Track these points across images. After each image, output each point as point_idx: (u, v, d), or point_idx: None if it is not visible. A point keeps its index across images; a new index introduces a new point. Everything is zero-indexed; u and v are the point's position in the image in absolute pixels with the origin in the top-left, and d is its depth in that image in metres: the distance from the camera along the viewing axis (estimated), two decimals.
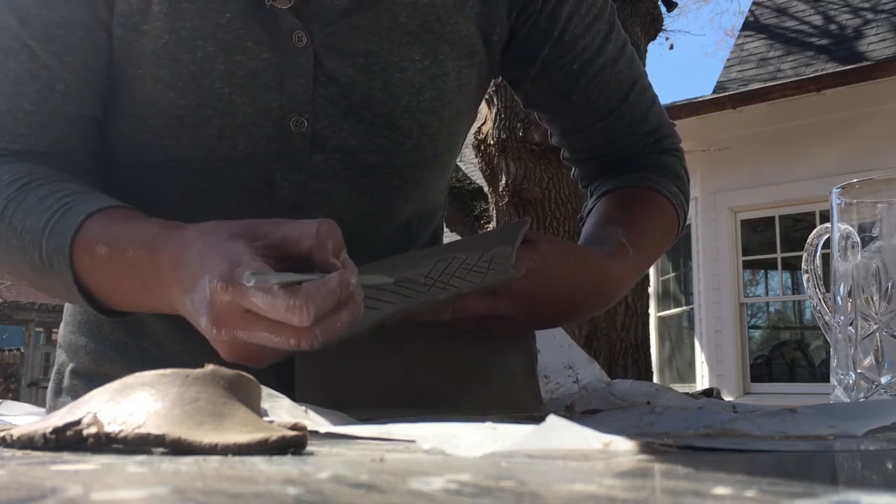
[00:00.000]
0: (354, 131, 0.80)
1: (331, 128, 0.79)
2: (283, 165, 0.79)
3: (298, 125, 0.78)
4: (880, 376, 0.70)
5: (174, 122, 0.76)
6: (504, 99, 3.79)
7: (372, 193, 0.83)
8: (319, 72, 0.77)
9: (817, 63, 7.21)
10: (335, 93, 0.78)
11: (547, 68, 0.89)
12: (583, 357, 0.82)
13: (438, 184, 0.93)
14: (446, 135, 0.86)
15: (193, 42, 0.75)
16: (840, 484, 0.30)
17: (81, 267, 0.67)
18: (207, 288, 0.54)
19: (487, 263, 0.69)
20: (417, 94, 0.81)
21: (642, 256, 0.87)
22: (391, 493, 0.26)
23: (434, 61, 0.82)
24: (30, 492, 0.26)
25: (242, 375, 0.42)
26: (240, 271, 0.52)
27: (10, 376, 13.75)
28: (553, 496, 0.25)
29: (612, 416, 0.57)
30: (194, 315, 0.57)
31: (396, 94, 0.80)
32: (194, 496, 0.24)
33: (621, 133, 0.95)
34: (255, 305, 0.52)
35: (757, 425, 0.48)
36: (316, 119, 0.78)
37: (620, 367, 3.62)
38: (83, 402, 0.41)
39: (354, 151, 0.80)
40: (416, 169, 0.85)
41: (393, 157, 0.82)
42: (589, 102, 0.91)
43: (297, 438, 0.37)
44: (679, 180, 0.97)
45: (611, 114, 0.93)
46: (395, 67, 0.80)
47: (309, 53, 0.77)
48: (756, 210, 7.05)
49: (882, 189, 0.74)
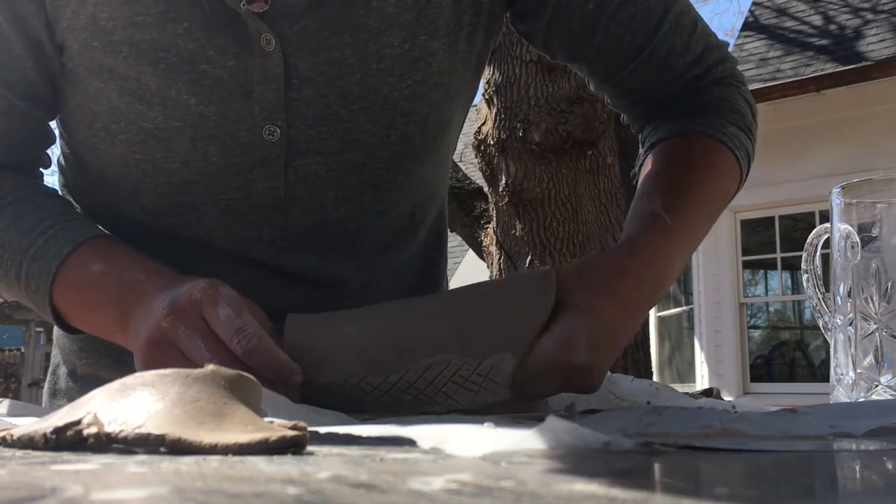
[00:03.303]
0: (334, 132, 0.75)
1: (308, 132, 0.75)
2: (260, 174, 0.76)
3: (272, 134, 0.74)
4: (880, 376, 0.70)
5: (144, 136, 0.74)
6: (504, 99, 3.79)
7: (360, 191, 0.79)
8: (291, 74, 0.73)
9: (817, 63, 7.21)
10: (310, 95, 0.74)
11: (559, 14, 0.80)
12: None
13: (437, 169, 0.87)
14: (437, 119, 0.80)
15: (155, 54, 0.72)
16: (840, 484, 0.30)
17: (58, 294, 0.72)
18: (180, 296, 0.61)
19: (482, 378, 0.60)
20: (398, 81, 0.76)
21: (690, 222, 0.78)
22: (391, 493, 0.26)
23: (415, 43, 0.76)
24: (30, 492, 0.26)
25: (243, 375, 0.42)
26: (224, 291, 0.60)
27: (10, 376, 13.74)
28: (553, 496, 0.25)
29: (612, 415, 0.57)
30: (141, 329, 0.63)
31: (375, 86, 0.75)
32: (194, 496, 0.25)
33: (661, 69, 0.84)
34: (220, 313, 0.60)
35: (757, 425, 0.48)
36: (291, 125, 0.74)
37: (620, 367, 3.62)
38: (83, 402, 0.41)
39: (335, 153, 0.76)
40: (406, 160, 0.79)
41: (377, 152, 0.77)
42: (616, 41, 0.82)
43: (297, 438, 0.37)
44: (736, 115, 0.85)
45: (643, 50, 0.82)
46: (372, 57, 0.74)
47: (279, 56, 0.72)
48: (756, 210, 7.05)
49: (882, 189, 0.74)
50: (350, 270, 0.84)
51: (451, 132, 0.86)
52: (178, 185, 0.76)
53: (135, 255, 0.72)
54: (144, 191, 0.77)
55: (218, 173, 0.75)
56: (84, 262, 0.71)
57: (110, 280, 0.70)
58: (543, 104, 3.61)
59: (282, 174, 0.76)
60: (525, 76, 3.78)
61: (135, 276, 0.68)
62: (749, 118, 0.86)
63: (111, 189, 0.80)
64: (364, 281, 0.85)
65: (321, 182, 0.77)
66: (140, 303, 0.65)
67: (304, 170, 0.76)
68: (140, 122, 0.74)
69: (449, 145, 0.87)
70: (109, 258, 0.71)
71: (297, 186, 0.77)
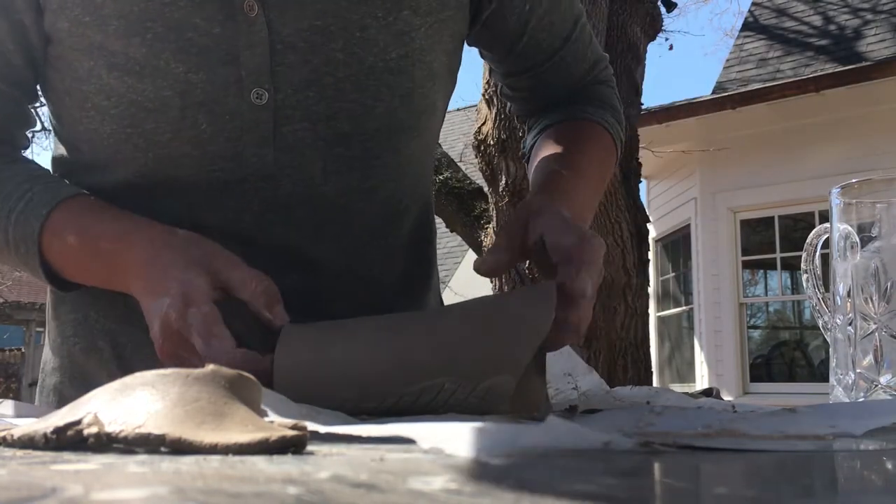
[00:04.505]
0: (321, 98, 0.77)
1: (295, 97, 0.77)
2: (249, 140, 0.77)
3: (260, 97, 0.76)
4: (879, 376, 0.70)
5: (134, 109, 0.76)
6: (504, 99, 3.79)
7: (348, 164, 0.81)
8: (275, 40, 0.75)
9: (817, 63, 7.21)
10: (295, 60, 0.76)
11: (501, 10, 0.88)
12: (582, 366, 0.81)
13: (422, 155, 0.89)
14: (420, 96, 0.82)
15: (142, 24, 0.74)
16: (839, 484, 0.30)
17: (49, 251, 0.76)
18: (163, 312, 0.65)
19: (479, 400, 0.59)
20: (382, 53, 0.78)
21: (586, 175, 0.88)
22: (391, 493, 0.26)
23: (398, 17, 0.78)
24: (30, 491, 0.26)
25: (243, 375, 0.42)
26: (193, 312, 0.64)
27: (10, 376, 13.74)
28: (553, 496, 0.25)
29: (612, 415, 0.57)
30: (149, 318, 0.67)
31: (359, 55, 0.77)
32: (195, 496, 0.25)
33: (565, 73, 0.96)
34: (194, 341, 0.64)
35: (756, 425, 0.48)
36: (278, 90, 0.76)
37: (620, 367, 3.62)
38: (83, 402, 0.41)
39: (323, 120, 0.78)
40: (392, 134, 0.81)
41: (364, 123, 0.79)
42: (537, 44, 0.91)
43: (297, 438, 0.37)
44: (614, 110, 0.99)
45: (556, 54, 0.93)
46: (355, 26, 0.77)
47: (262, 22, 0.74)
48: (756, 210, 7.05)
49: (881, 189, 0.74)
50: (337, 252, 0.84)
51: (435, 118, 0.88)
52: (168, 158, 0.77)
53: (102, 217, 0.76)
54: (136, 168, 0.79)
55: (208, 142, 0.77)
56: (60, 231, 0.75)
57: (87, 251, 0.74)
58: None
59: (270, 140, 0.78)
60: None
61: (109, 245, 0.73)
62: (620, 113, 1.01)
63: (104, 174, 0.81)
64: (349, 265, 0.85)
65: (309, 151, 0.79)
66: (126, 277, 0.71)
67: (293, 136, 0.78)
68: (130, 94, 0.76)
69: (433, 132, 0.90)
70: (81, 225, 0.75)
71: (286, 154, 0.79)
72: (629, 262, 3.71)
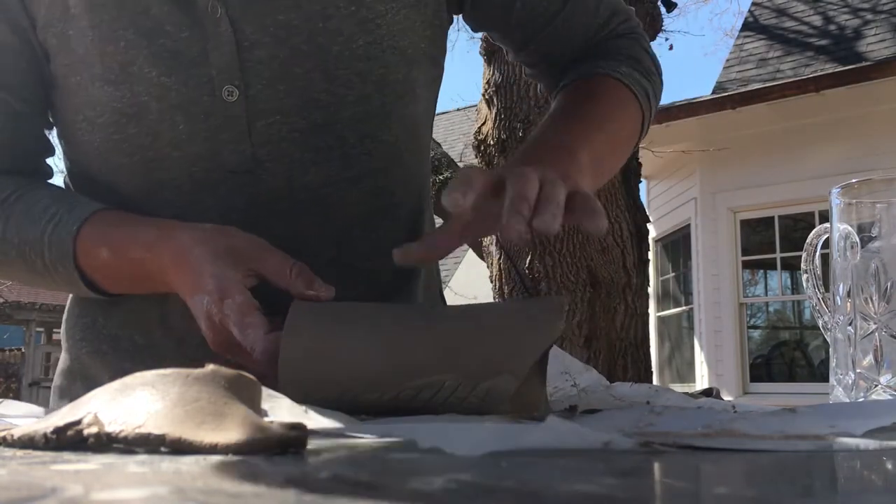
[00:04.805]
0: (291, 91, 0.79)
1: (265, 91, 0.78)
2: (226, 138, 0.79)
3: (231, 94, 0.78)
4: (879, 376, 0.70)
5: (117, 116, 0.79)
6: (504, 99, 3.79)
7: (326, 154, 0.81)
8: (241, 38, 0.77)
9: (816, 63, 7.21)
10: (262, 56, 0.78)
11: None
12: (579, 365, 0.81)
13: (409, 143, 0.88)
14: (395, 82, 0.82)
15: (115, 32, 0.77)
16: (839, 484, 0.30)
17: (86, 267, 0.78)
18: (204, 308, 0.68)
19: (479, 400, 0.58)
20: (348, 41, 0.79)
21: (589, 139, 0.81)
22: (391, 493, 0.26)
23: (361, 4, 0.79)
24: (30, 492, 0.26)
25: (243, 375, 0.42)
26: (228, 303, 0.66)
27: (10, 376, 13.74)
28: (553, 496, 0.25)
29: (612, 415, 0.57)
30: (196, 315, 0.69)
31: (325, 45, 0.78)
32: (195, 496, 0.25)
33: (573, 33, 0.91)
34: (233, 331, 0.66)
35: (756, 425, 0.48)
36: (248, 85, 0.78)
37: (620, 367, 3.62)
38: (83, 401, 0.41)
39: (295, 112, 0.79)
40: (368, 121, 0.82)
41: (338, 112, 0.80)
42: (532, 9, 0.89)
43: (297, 438, 0.37)
44: (632, 60, 0.91)
45: (557, 16, 0.90)
46: (317, 17, 0.78)
47: (226, 22, 0.76)
48: (756, 210, 7.05)
49: (881, 189, 0.74)
50: (326, 243, 0.84)
51: (417, 105, 0.86)
52: (153, 161, 0.80)
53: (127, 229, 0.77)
54: (127, 174, 0.81)
55: (187, 142, 0.79)
56: (92, 249, 0.77)
57: (122, 264, 0.76)
58: (543, 104, 3.61)
59: (246, 136, 0.79)
60: (525, 76, 3.78)
61: (139, 254, 0.75)
62: (647, 63, 0.92)
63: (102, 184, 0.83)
64: (338, 256, 0.84)
65: (285, 143, 0.80)
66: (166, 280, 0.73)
67: (268, 130, 0.80)
68: (111, 103, 0.79)
69: (417, 120, 0.88)
70: (111, 240, 0.77)
71: (264, 149, 0.80)
72: (629, 262, 3.71)
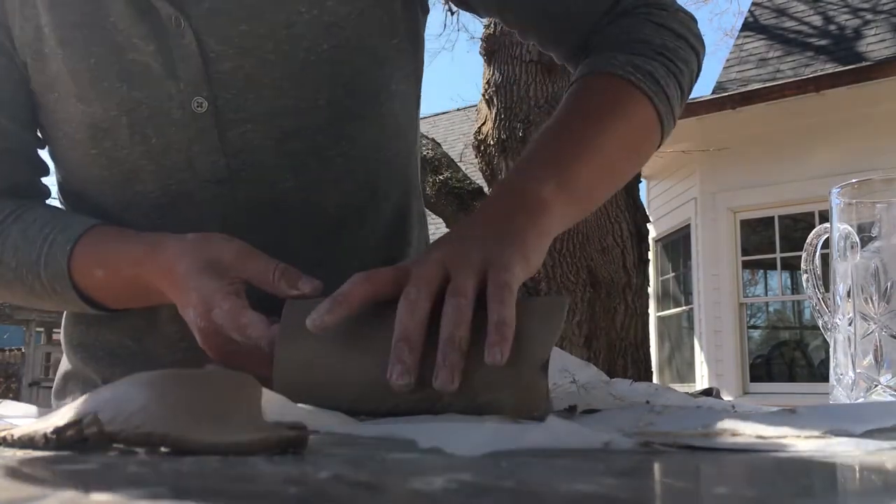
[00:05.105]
0: (260, 99, 0.78)
1: (234, 101, 0.78)
2: (199, 149, 0.79)
3: (200, 105, 0.78)
4: (879, 376, 0.70)
5: (93, 130, 0.79)
6: (504, 99, 3.79)
7: (302, 159, 0.80)
8: (206, 49, 0.77)
9: (816, 63, 7.21)
10: (228, 66, 0.77)
11: None
12: (577, 361, 0.81)
13: (389, 140, 0.85)
14: (367, 82, 0.81)
15: (84, 49, 0.77)
16: (839, 484, 0.30)
17: (85, 287, 0.78)
18: (195, 322, 0.67)
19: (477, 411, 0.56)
20: (314, 46, 0.78)
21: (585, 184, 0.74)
22: (391, 493, 0.26)
23: (323, 9, 0.78)
24: (30, 492, 0.26)
25: (243, 375, 0.42)
26: (216, 313, 0.65)
27: (10, 376, 13.74)
28: (553, 496, 0.25)
29: (612, 415, 0.57)
30: (191, 327, 0.69)
31: (290, 52, 0.77)
32: (195, 496, 0.25)
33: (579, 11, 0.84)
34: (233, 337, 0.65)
35: (756, 425, 0.48)
36: (217, 96, 0.78)
37: (620, 367, 3.62)
38: (83, 401, 0.41)
39: (267, 120, 0.79)
40: (343, 124, 0.81)
41: (310, 117, 0.79)
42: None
43: (297, 438, 0.37)
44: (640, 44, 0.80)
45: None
46: (280, 25, 0.77)
47: (190, 34, 0.76)
48: (755, 210, 7.06)
49: (881, 189, 0.74)
50: (309, 248, 0.82)
51: (394, 101, 0.84)
52: (130, 172, 0.80)
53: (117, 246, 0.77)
54: (108, 188, 0.82)
55: (161, 155, 0.79)
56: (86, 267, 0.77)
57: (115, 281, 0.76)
58: (543, 104, 3.61)
59: (219, 146, 0.79)
60: (525, 76, 3.78)
61: (130, 270, 0.74)
62: (656, 43, 0.81)
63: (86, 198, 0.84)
64: (323, 259, 0.82)
65: (259, 151, 0.80)
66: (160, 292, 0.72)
67: (240, 140, 0.79)
68: (85, 119, 0.79)
69: (396, 116, 0.86)
70: (102, 257, 0.77)
71: (238, 158, 0.80)
72: (629, 262, 3.71)
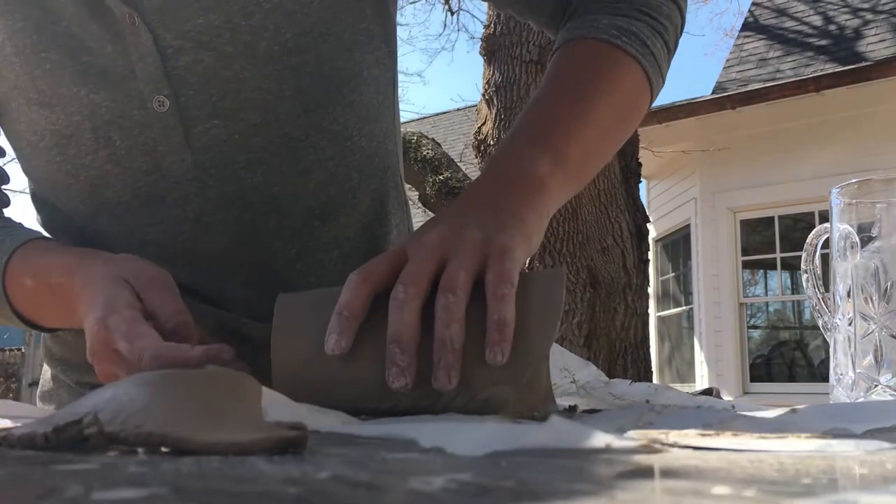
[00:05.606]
0: (224, 94, 0.76)
1: (197, 97, 0.76)
2: (164, 149, 0.77)
3: (162, 104, 0.75)
4: (879, 376, 0.70)
5: (57, 138, 0.77)
6: (504, 99, 3.79)
7: (271, 152, 0.78)
8: (163, 45, 0.74)
9: (817, 63, 7.21)
10: (187, 62, 0.75)
11: None
12: (577, 360, 0.81)
13: (363, 126, 0.83)
14: (335, 70, 0.79)
15: (38, 55, 0.75)
16: (839, 484, 0.30)
17: (14, 299, 0.76)
18: (91, 327, 0.63)
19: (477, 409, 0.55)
20: (276, 36, 0.75)
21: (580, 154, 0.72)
22: (391, 493, 0.26)
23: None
24: (30, 492, 0.26)
25: (243, 375, 0.42)
26: (114, 319, 0.61)
27: (10, 376, 13.74)
28: (553, 496, 0.25)
29: (612, 415, 0.57)
30: (86, 335, 0.64)
31: (251, 43, 0.75)
32: (194, 496, 0.25)
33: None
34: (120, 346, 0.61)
35: (756, 425, 0.48)
36: (178, 93, 0.75)
37: (620, 367, 3.62)
38: (83, 401, 0.41)
39: (231, 114, 0.76)
40: (310, 113, 0.78)
41: (276, 108, 0.77)
42: None
43: (297, 438, 0.37)
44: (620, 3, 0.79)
45: None
46: (238, 16, 0.74)
47: (145, 31, 0.74)
48: (755, 210, 7.06)
49: (881, 189, 0.74)
50: (285, 241, 0.81)
51: (366, 88, 0.83)
52: (97, 178, 0.78)
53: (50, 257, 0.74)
54: (75, 194, 0.80)
55: (126, 158, 0.77)
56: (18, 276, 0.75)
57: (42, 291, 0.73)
58: None
59: (185, 145, 0.77)
60: (525, 76, 3.78)
61: (57, 280, 0.71)
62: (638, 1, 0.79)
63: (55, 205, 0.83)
64: (300, 252, 0.82)
65: (227, 147, 0.78)
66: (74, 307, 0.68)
67: (206, 136, 0.77)
68: (48, 126, 0.77)
69: (367, 102, 0.83)
70: (34, 268, 0.74)
71: (205, 155, 0.78)
72: (629, 262, 3.71)
